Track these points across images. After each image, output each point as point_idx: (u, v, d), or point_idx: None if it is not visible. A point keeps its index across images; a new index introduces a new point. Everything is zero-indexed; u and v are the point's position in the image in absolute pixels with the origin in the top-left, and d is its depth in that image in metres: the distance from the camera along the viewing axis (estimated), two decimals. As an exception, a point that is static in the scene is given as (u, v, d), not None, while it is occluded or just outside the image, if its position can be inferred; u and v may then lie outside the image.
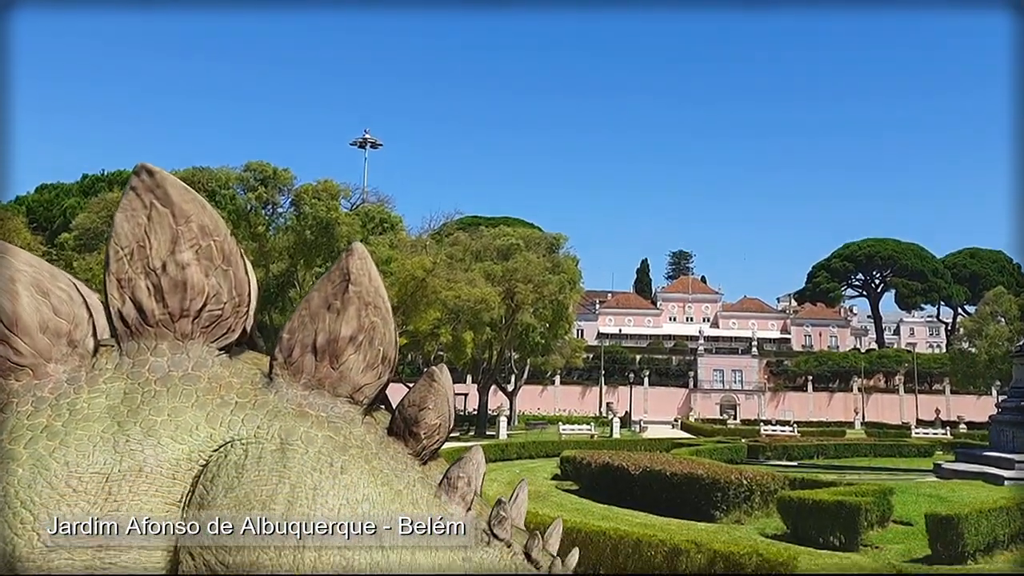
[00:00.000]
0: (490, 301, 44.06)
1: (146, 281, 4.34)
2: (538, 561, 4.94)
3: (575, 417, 72.35)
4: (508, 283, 48.13)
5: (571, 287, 54.34)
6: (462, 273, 45.12)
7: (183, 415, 4.26)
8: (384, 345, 4.64)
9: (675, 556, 10.99)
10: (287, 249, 39.12)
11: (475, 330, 45.67)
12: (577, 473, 23.92)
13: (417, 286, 39.81)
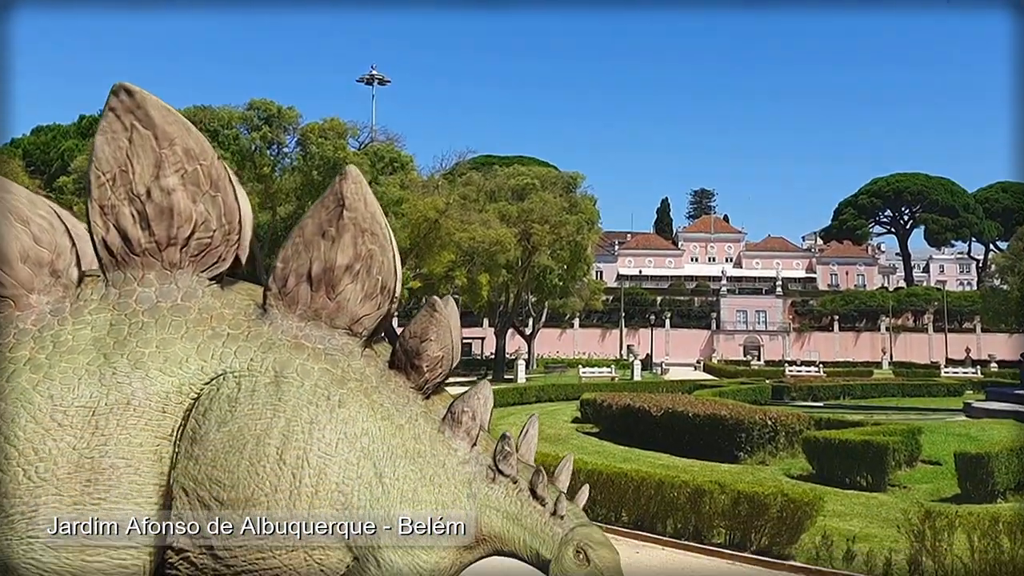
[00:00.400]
0: (505, 242, 43.87)
1: (130, 208, 4.27)
2: (543, 498, 4.85)
3: (595, 360, 72.70)
4: (524, 224, 47.83)
5: (589, 227, 54.00)
6: (476, 214, 44.85)
7: (172, 347, 4.22)
8: (383, 274, 4.56)
9: (698, 497, 11.06)
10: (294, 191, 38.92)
11: (491, 272, 45.64)
12: (597, 416, 24.08)
13: (430, 228, 39.69)
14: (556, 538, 4.75)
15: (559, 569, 4.64)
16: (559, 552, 4.68)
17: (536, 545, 4.75)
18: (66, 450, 3.93)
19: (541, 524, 4.78)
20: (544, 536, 4.76)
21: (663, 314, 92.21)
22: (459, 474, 4.71)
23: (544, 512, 4.79)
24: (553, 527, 4.77)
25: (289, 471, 4.21)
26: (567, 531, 4.77)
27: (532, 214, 48.45)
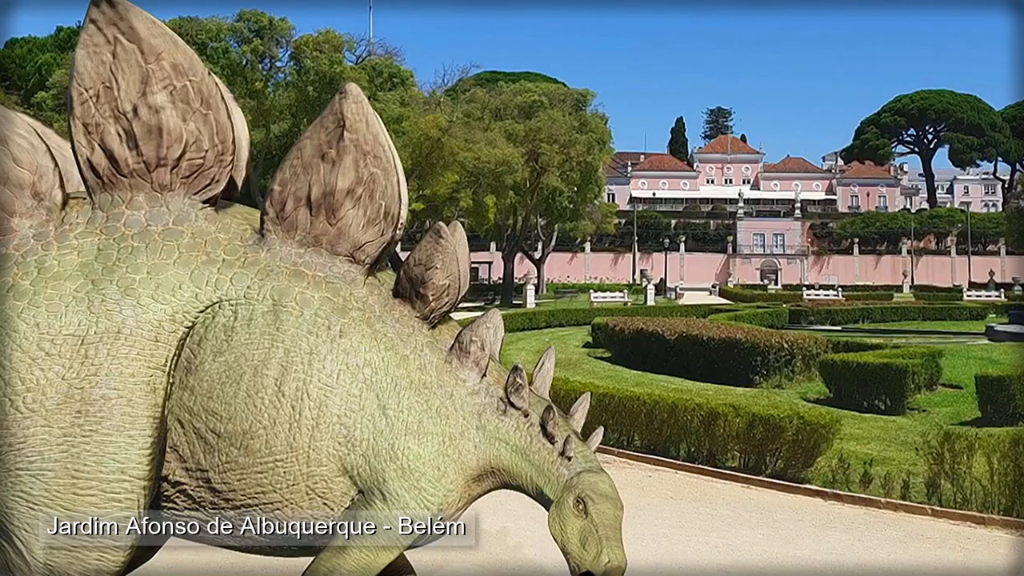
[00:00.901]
0: (512, 163, 43.44)
1: (116, 126, 4.16)
2: (553, 435, 4.76)
3: (607, 285, 72.82)
4: (531, 143, 47.27)
5: (600, 148, 53.40)
6: (481, 133, 44.30)
7: (164, 273, 4.15)
8: (386, 199, 4.45)
9: (712, 420, 11.12)
10: (288, 108, 38.47)
11: (497, 194, 45.34)
12: (609, 340, 24.18)
13: (432, 147, 39.22)
14: (561, 479, 4.66)
15: (557, 514, 4.59)
16: (561, 496, 4.60)
17: (540, 483, 4.69)
18: (55, 380, 3.90)
19: (548, 463, 4.69)
20: (549, 475, 4.68)
21: (677, 238, 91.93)
22: (468, 405, 4.66)
23: (552, 451, 4.71)
24: (559, 467, 4.68)
25: (288, 403, 4.19)
26: (573, 475, 4.66)
27: (540, 133, 47.81)
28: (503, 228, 56.14)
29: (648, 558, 7.29)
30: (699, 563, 7.25)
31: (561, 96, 54.22)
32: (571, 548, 4.50)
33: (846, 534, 8.33)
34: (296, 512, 4.35)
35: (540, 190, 51.15)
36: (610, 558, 4.40)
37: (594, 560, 4.41)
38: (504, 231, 56.84)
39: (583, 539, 4.48)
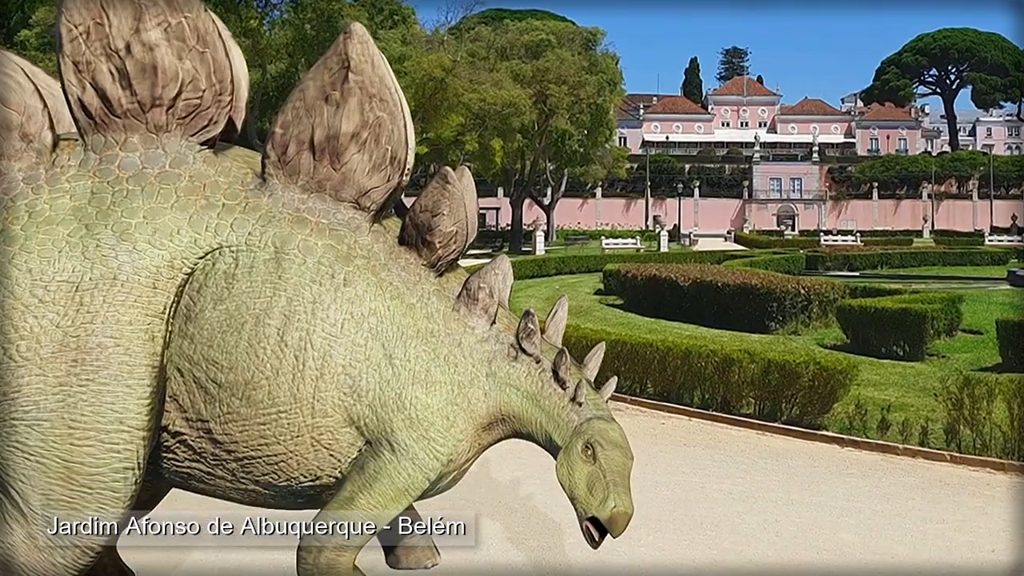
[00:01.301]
0: (520, 105, 42.95)
1: (108, 65, 4.07)
2: (564, 381, 4.73)
3: (619, 231, 72.66)
4: (539, 84, 46.70)
5: (611, 89, 52.79)
6: (486, 73, 43.75)
7: (162, 217, 4.08)
8: (393, 144, 4.37)
9: (727, 367, 11.11)
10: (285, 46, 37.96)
11: (504, 137, 45.00)
12: (622, 287, 24.15)
13: (436, 88, 38.77)
14: (570, 425, 4.64)
15: (565, 459, 4.58)
16: (570, 441, 4.58)
17: (550, 429, 4.67)
18: (49, 328, 3.86)
19: (558, 408, 4.67)
20: (559, 421, 4.66)
21: (691, 183, 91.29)
22: (477, 353, 4.63)
23: (563, 396, 4.69)
24: (570, 413, 4.66)
25: (291, 353, 4.14)
26: (583, 420, 4.64)
27: (548, 74, 47.19)
28: (511, 173, 55.84)
29: (661, 505, 7.35)
30: (713, 510, 7.29)
31: (570, 35, 53.46)
32: (578, 493, 4.50)
33: (863, 480, 8.36)
34: (301, 464, 4.34)
35: (549, 133, 50.72)
36: (616, 503, 4.40)
37: (600, 505, 4.42)
38: (512, 176, 56.54)
39: (590, 484, 4.48)
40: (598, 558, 6.09)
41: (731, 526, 6.88)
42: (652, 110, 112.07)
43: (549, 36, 51.18)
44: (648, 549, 6.33)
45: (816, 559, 6.21)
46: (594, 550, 4.59)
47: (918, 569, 6.07)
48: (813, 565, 6.11)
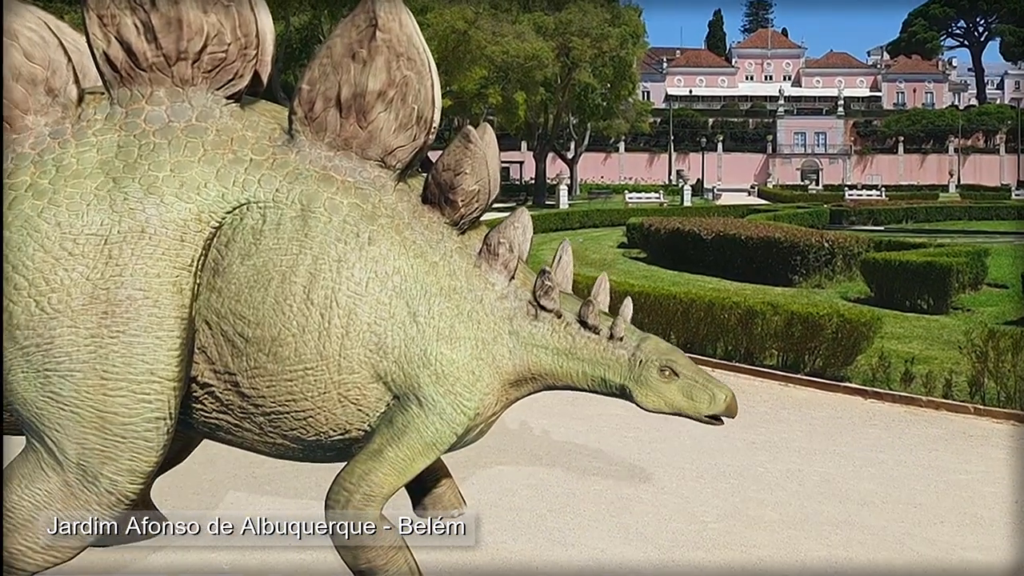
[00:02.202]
0: (542, 57, 42.44)
1: (133, 18, 4.01)
2: (596, 326, 4.80)
3: (642, 186, 72.06)
4: (562, 37, 46.06)
5: (634, 42, 51.95)
6: (509, 26, 43.12)
7: (189, 171, 4.06)
8: (419, 103, 4.31)
9: (750, 319, 11.03)
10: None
11: (527, 91, 44.55)
12: (645, 240, 24.01)
13: (458, 40, 38.35)
14: (622, 360, 4.77)
15: (647, 391, 4.73)
16: (640, 374, 4.73)
17: (600, 372, 4.78)
18: (79, 280, 3.86)
19: (600, 352, 4.77)
20: (608, 362, 4.77)
21: (715, 137, 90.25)
22: (497, 310, 4.62)
23: (600, 339, 4.77)
24: (615, 350, 4.77)
25: (317, 311, 4.14)
26: (632, 350, 4.77)
27: (571, 26, 46.50)
28: (534, 126, 55.36)
29: (684, 453, 7.35)
30: (736, 458, 7.27)
31: (592, -15, 52.58)
32: (683, 407, 4.70)
33: (886, 431, 8.30)
34: (329, 419, 4.35)
35: (572, 87, 50.15)
36: (723, 394, 4.66)
37: (711, 403, 4.65)
38: (535, 129, 56.07)
39: (688, 394, 4.68)
40: (623, 505, 6.14)
41: (754, 474, 6.87)
42: (675, 64, 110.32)
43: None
44: (672, 496, 6.35)
45: (838, 508, 6.19)
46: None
47: (941, 518, 6.03)
48: (835, 513, 6.09)
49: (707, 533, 5.71)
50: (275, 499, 6.31)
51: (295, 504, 6.19)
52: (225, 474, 6.58)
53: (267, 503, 6.24)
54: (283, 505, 6.21)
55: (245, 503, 6.22)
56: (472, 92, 41.42)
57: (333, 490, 4.56)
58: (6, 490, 4.03)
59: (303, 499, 6.23)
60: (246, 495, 6.35)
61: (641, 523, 5.83)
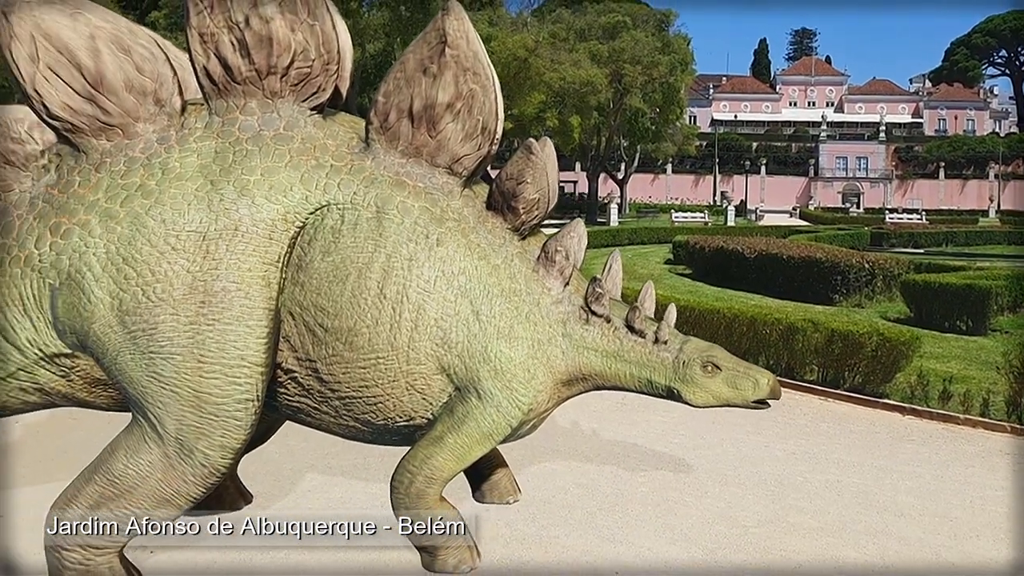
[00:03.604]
0: (596, 83, 42.55)
1: (229, 36, 4.20)
2: (642, 331, 4.98)
3: (688, 205, 71.50)
4: (615, 64, 46.09)
5: (682, 69, 51.67)
6: (566, 54, 43.35)
7: (277, 175, 4.23)
8: (484, 115, 4.46)
9: (791, 335, 10.91)
10: (382, 27, 38.32)
11: (582, 114, 44.62)
12: (690, 257, 23.85)
13: (520, 67, 38.69)
14: (667, 363, 4.96)
15: (694, 388, 4.94)
16: (685, 374, 4.93)
17: (647, 374, 4.97)
18: (180, 272, 4.05)
19: (647, 355, 4.95)
20: (654, 364, 4.96)
21: (759, 160, 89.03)
22: (553, 313, 4.77)
23: (646, 343, 4.96)
24: (660, 353, 4.96)
25: (389, 305, 4.30)
26: (675, 353, 4.96)
27: (623, 54, 46.51)
28: (587, 148, 55.41)
29: (728, 461, 7.32)
30: (777, 468, 7.22)
31: (644, 17, 52.46)
32: (730, 397, 4.95)
33: (924, 447, 8.15)
34: (397, 406, 4.51)
35: (623, 111, 50.10)
36: (765, 378, 4.93)
37: (755, 389, 4.90)
38: (588, 151, 56.12)
39: (732, 384, 4.91)
40: (668, 507, 6.14)
41: (794, 483, 6.81)
42: (721, 90, 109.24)
43: (625, 18, 50.32)
44: (715, 500, 6.33)
45: (876, 518, 6.11)
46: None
47: (976, 532, 5.92)
48: (873, 523, 6.02)
49: (748, 537, 5.68)
50: (347, 482, 6.48)
51: (364, 486, 6.36)
52: (303, 463, 6.76)
53: (340, 485, 6.41)
54: (354, 487, 6.39)
55: (321, 487, 6.38)
56: (531, 116, 41.57)
57: (397, 472, 4.73)
58: (112, 459, 4.23)
59: (372, 482, 6.39)
60: (321, 480, 6.52)
61: (686, 525, 5.83)
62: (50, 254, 4.08)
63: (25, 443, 7.26)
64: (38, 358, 4.20)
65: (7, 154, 4.19)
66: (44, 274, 4.09)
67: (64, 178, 4.19)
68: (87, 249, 4.05)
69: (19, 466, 6.69)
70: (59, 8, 4.03)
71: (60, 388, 4.33)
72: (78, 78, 4.08)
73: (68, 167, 4.22)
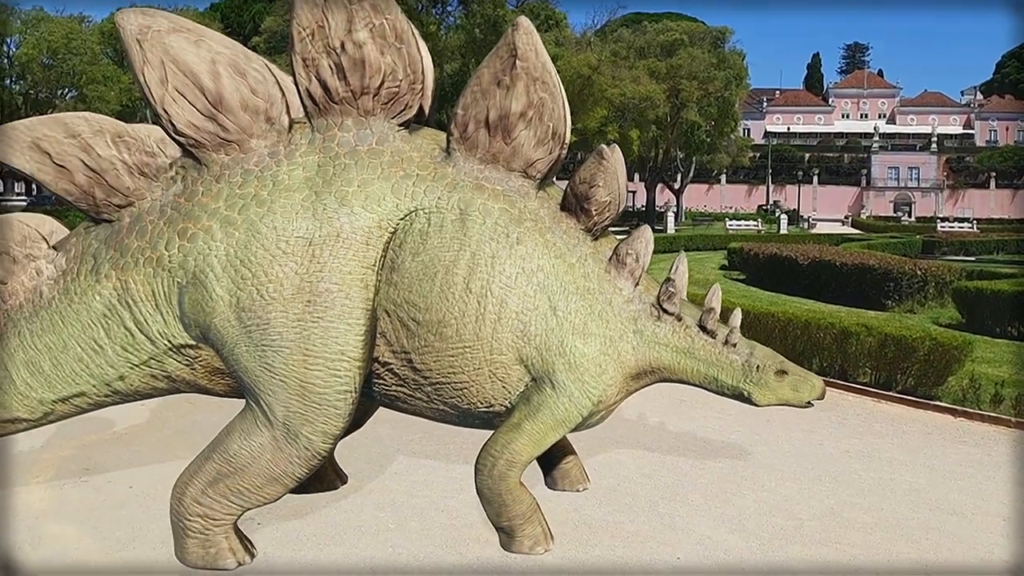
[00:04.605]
0: (655, 98, 42.35)
1: (328, 60, 4.33)
2: (714, 331, 5.03)
3: (742, 213, 70.26)
4: (672, 80, 45.81)
5: (737, 83, 50.97)
6: (626, 71, 43.28)
7: (371, 186, 4.36)
8: (554, 121, 4.52)
9: (844, 338, 10.67)
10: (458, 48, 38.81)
11: (641, 128, 44.40)
12: (744, 263, 23.48)
13: (583, 84, 38.76)
14: (735, 364, 5.06)
15: (765, 391, 5.12)
16: (760, 378, 5.08)
17: (714, 373, 5.07)
18: (290, 274, 4.21)
19: (716, 355, 5.05)
20: (722, 364, 5.06)
21: (811, 170, 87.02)
22: (624, 311, 4.83)
23: (716, 344, 5.05)
24: (729, 355, 5.06)
25: (475, 299, 4.40)
26: (746, 356, 5.08)
27: (680, 70, 46.18)
28: (646, 160, 55.06)
29: (783, 457, 7.24)
30: (832, 465, 7.11)
31: (700, 34, 51.90)
32: (790, 399, 5.19)
33: (976, 448, 7.91)
34: (480, 392, 4.62)
35: (680, 124, 49.63)
36: (818, 383, 5.26)
37: (811, 392, 5.20)
38: (647, 163, 55.75)
39: (795, 388, 5.17)
40: (726, 499, 6.12)
41: (848, 480, 6.70)
42: (775, 103, 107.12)
43: (682, 36, 49.90)
44: (771, 494, 6.27)
45: (929, 515, 5.98)
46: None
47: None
48: (926, 520, 5.89)
49: (804, 529, 5.62)
50: (429, 464, 6.63)
51: (445, 470, 6.50)
52: (389, 448, 6.94)
53: (423, 468, 6.56)
54: (435, 469, 6.53)
55: (405, 470, 6.54)
56: (594, 130, 41.53)
57: (480, 456, 4.85)
58: (228, 440, 4.45)
59: (451, 466, 6.55)
60: (406, 463, 6.69)
61: (743, 515, 5.80)
62: (178, 255, 4.30)
63: (151, 424, 7.63)
64: (167, 348, 4.43)
65: (142, 167, 4.42)
66: (173, 273, 4.31)
67: (189, 188, 4.40)
68: (210, 252, 4.25)
69: (144, 445, 7.04)
70: (184, 35, 4.24)
71: (184, 375, 4.56)
72: (201, 99, 4.28)
73: (192, 178, 4.43)
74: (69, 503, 5.72)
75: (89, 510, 5.59)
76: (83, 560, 4.85)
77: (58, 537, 5.15)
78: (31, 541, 5.10)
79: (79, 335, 4.40)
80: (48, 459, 6.62)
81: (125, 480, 6.17)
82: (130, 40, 4.19)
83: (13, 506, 5.61)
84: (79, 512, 5.55)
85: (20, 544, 5.02)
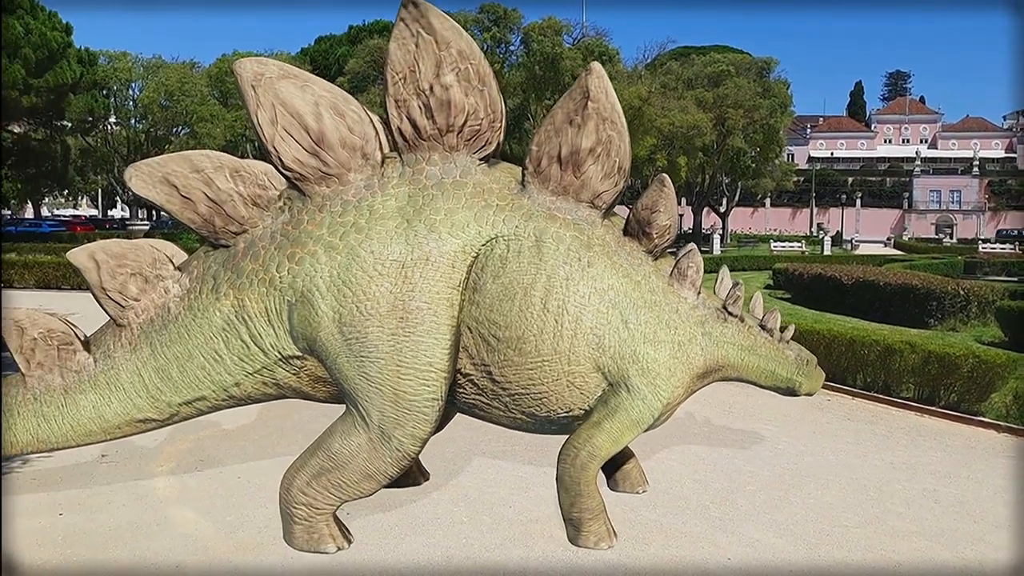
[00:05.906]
0: (702, 127, 41.94)
1: (418, 101, 4.50)
2: (773, 330, 5.42)
3: (786, 235, 68.85)
4: (719, 109, 45.26)
5: (781, 111, 50.09)
6: (675, 101, 42.97)
7: (456, 215, 4.52)
8: (620, 156, 4.66)
9: (888, 355, 10.45)
10: (520, 85, 39.20)
11: (688, 155, 43.99)
12: (789, 283, 23.05)
13: (634, 115, 38.63)
14: (789, 359, 5.49)
15: (810, 381, 5.68)
16: (808, 370, 5.61)
17: (773, 367, 5.43)
18: (385, 294, 4.38)
19: (775, 351, 5.44)
20: (780, 359, 5.46)
21: (854, 194, 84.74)
22: (692, 317, 4.97)
23: (774, 341, 5.45)
24: (784, 351, 5.49)
25: (552, 317, 4.54)
26: (797, 351, 5.56)
27: (727, 99, 45.62)
28: (692, 185, 54.45)
29: (828, 467, 7.16)
30: (876, 476, 6.99)
31: (746, 65, 51.23)
32: (815, 388, 5.81)
33: (1021, 463, 7.67)
34: (559, 400, 4.74)
35: (726, 151, 49.01)
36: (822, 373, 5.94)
37: (819, 377, 5.87)
38: (693, 187, 55.12)
39: (818, 379, 5.84)
40: (774, 505, 6.10)
41: (892, 491, 6.58)
42: (818, 129, 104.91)
43: (728, 67, 49.33)
44: (817, 501, 6.22)
45: (973, 527, 5.85)
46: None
47: (1074, 544, 5.57)
48: (970, 531, 5.77)
49: (849, 536, 5.57)
50: (498, 464, 6.75)
51: (512, 469, 6.63)
52: (463, 449, 7.11)
53: (493, 467, 6.69)
54: (504, 469, 6.65)
55: (478, 469, 6.68)
56: (643, 158, 41.42)
57: (564, 448, 5.00)
58: (331, 440, 4.68)
59: (518, 466, 6.67)
60: (479, 462, 6.83)
61: (790, 521, 5.77)
62: (288, 277, 4.53)
63: (256, 423, 7.96)
64: (278, 359, 4.69)
65: (255, 198, 4.69)
66: (283, 292, 4.55)
67: (295, 217, 4.64)
68: (315, 273, 4.48)
69: (249, 441, 7.35)
70: (292, 81, 4.48)
71: (291, 383, 4.81)
72: (305, 137, 4.51)
73: (298, 208, 4.66)
74: (188, 491, 6.04)
75: (204, 497, 5.90)
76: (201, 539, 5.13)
77: (180, 521, 5.45)
78: (158, 522, 5.41)
79: (202, 346, 4.67)
80: (169, 452, 7.00)
81: (234, 472, 6.48)
82: (246, 85, 4.42)
83: (142, 493, 5.97)
84: (196, 499, 5.86)
85: (148, 525, 5.34)
